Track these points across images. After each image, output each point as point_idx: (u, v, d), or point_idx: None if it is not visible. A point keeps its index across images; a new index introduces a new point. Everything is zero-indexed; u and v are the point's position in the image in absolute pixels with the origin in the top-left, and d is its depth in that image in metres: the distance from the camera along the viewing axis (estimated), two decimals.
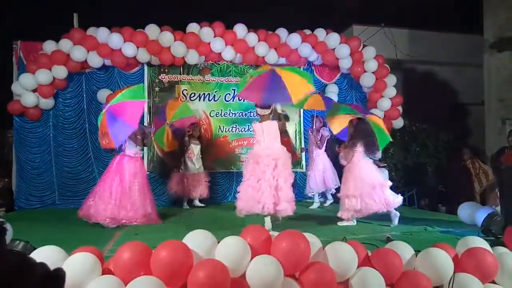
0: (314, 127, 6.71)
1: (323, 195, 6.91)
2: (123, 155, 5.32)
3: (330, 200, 6.86)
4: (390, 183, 5.13)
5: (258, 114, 4.93)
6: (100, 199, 5.07)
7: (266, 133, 4.77)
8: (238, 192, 4.79)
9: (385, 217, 5.18)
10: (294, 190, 4.99)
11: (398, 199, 5.09)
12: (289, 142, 7.17)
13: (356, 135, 5.13)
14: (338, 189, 6.03)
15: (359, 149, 5.13)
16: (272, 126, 4.82)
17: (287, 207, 4.61)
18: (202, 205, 6.78)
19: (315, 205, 6.74)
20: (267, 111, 4.83)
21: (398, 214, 5.14)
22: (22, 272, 1.59)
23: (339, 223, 5.15)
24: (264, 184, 4.55)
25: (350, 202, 5.04)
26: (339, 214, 5.15)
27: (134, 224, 5.07)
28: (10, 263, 1.59)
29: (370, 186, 4.99)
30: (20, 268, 1.59)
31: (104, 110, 5.00)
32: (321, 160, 6.62)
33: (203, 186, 6.71)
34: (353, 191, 5.01)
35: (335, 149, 5.85)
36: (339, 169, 5.75)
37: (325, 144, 6.66)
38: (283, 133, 5.03)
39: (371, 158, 7.11)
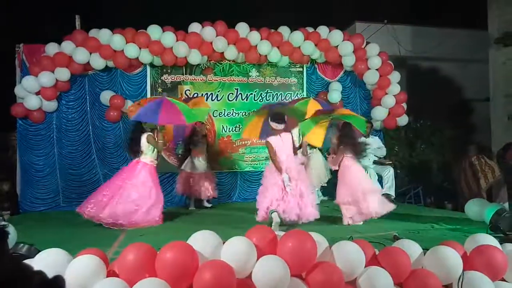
0: None
1: None
2: (138, 161, 5.37)
3: (320, 197, 6.89)
4: (380, 190, 5.31)
5: (273, 129, 4.98)
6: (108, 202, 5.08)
7: (285, 143, 4.93)
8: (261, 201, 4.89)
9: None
10: None
11: (389, 206, 5.12)
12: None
13: (343, 140, 5.19)
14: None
15: (348, 154, 5.18)
16: (289, 137, 5.00)
17: (312, 212, 4.82)
18: (210, 205, 6.73)
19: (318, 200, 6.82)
20: (281, 126, 4.95)
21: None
22: (20, 281, 1.55)
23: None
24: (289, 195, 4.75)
25: (347, 208, 5.10)
26: (344, 222, 5.16)
27: (142, 227, 5.07)
28: (6, 271, 1.55)
29: (360, 191, 5.02)
30: (17, 277, 1.55)
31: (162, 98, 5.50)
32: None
33: (211, 186, 6.63)
34: (347, 198, 5.05)
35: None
36: None
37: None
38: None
39: (376, 156, 7.15)
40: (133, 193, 5.14)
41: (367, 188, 5.10)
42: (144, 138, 5.37)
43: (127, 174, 5.31)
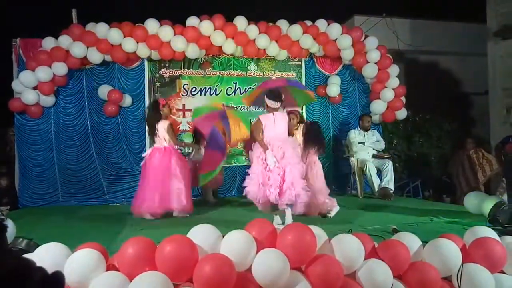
0: None
1: None
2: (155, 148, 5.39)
3: None
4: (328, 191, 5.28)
5: (268, 107, 4.65)
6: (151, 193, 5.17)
7: (278, 122, 4.59)
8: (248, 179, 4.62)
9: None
10: None
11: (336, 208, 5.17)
12: None
13: (309, 138, 5.27)
14: None
15: (312, 151, 5.24)
16: (283, 117, 4.66)
17: (299, 193, 4.38)
18: (215, 200, 6.59)
19: None
20: (277, 104, 4.62)
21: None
22: (19, 276, 1.54)
23: (329, 215, 5.14)
24: (271, 172, 4.39)
25: (320, 198, 5.10)
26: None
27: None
28: (7, 267, 1.54)
29: (316, 189, 5.06)
30: (17, 273, 1.55)
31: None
32: None
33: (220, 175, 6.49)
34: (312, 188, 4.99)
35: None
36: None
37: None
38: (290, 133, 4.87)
39: (374, 150, 7.16)
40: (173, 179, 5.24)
41: (320, 186, 5.17)
42: (162, 126, 5.34)
43: (158, 163, 5.27)
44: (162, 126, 5.36)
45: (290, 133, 4.83)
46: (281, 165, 4.40)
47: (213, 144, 5.05)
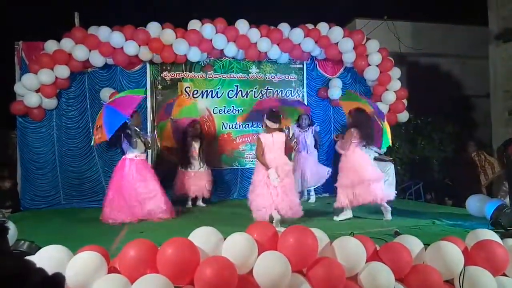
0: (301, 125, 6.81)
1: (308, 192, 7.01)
2: (124, 158, 5.54)
3: (313, 195, 6.98)
4: (383, 177, 5.25)
5: (267, 127, 4.96)
6: (112, 203, 5.32)
7: (276, 143, 4.90)
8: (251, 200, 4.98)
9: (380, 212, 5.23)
10: None
11: (390, 193, 5.18)
12: None
13: (354, 125, 5.17)
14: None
15: (356, 139, 5.13)
16: (281, 137, 4.96)
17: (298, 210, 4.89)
18: (204, 205, 6.69)
19: (313, 199, 6.95)
20: (276, 125, 4.94)
21: (389, 208, 5.16)
22: (20, 277, 1.55)
23: (336, 218, 5.15)
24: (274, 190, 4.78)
25: (343, 192, 5.11)
26: (335, 205, 5.22)
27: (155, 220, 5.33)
28: (7, 268, 1.54)
29: (364, 177, 5.03)
30: (18, 274, 1.55)
31: (103, 107, 5.31)
32: (302, 159, 6.70)
33: (206, 186, 6.62)
34: (346, 182, 5.08)
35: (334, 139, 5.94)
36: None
37: (313, 143, 6.79)
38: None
39: (376, 153, 7.15)
40: (133, 189, 5.34)
41: (371, 173, 5.11)
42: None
43: (120, 173, 5.45)
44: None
45: (289, 149, 5.09)
46: (283, 183, 4.79)
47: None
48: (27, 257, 2.47)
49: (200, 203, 6.69)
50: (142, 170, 5.50)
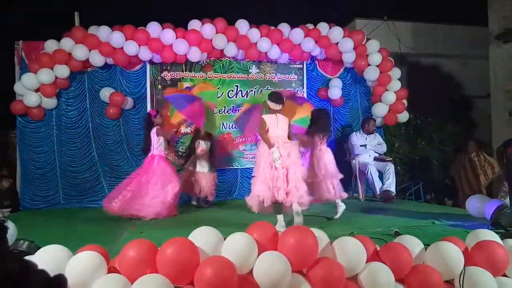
0: None
1: None
2: (152, 155, 5.67)
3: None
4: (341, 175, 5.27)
5: (270, 108, 4.79)
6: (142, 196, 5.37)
7: (280, 123, 4.72)
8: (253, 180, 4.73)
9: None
10: None
11: (343, 193, 5.25)
12: None
13: (315, 126, 5.31)
14: None
15: (316, 137, 5.27)
16: (285, 119, 4.82)
17: (301, 198, 4.51)
18: (206, 205, 6.65)
19: None
20: (279, 106, 4.77)
21: (344, 206, 5.21)
22: (22, 279, 1.54)
23: (336, 217, 5.15)
24: (277, 172, 4.50)
25: (331, 182, 5.12)
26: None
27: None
28: (10, 269, 1.54)
29: (331, 174, 5.12)
30: (20, 275, 1.54)
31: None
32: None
33: (210, 187, 6.58)
34: (316, 178, 5.12)
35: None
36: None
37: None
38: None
39: (376, 153, 7.15)
40: (152, 187, 5.41)
41: (335, 170, 5.18)
42: (153, 133, 5.65)
43: (145, 170, 5.58)
44: (152, 133, 5.68)
45: (290, 137, 4.89)
46: (285, 163, 4.52)
47: None
48: (28, 258, 2.47)
49: (202, 203, 6.69)
50: (167, 165, 5.72)
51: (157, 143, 5.65)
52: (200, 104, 5.84)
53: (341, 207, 5.19)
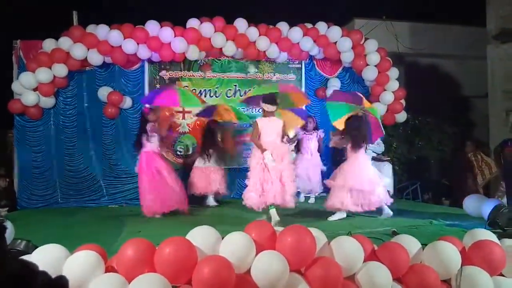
0: (307, 128, 6.81)
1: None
2: (149, 152, 5.71)
3: (313, 196, 6.97)
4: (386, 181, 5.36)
5: (265, 111, 4.87)
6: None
7: (274, 127, 4.80)
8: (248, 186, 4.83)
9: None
10: None
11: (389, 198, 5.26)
12: None
13: (348, 132, 5.24)
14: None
15: (349, 145, 5.25)
16: (278, 123, 4.86)
17: (290, 200, 4.70)
18: (216, 204, 6.59)
19: (312, 200, 6.91)
20: (273, 108, 4.83)
21: (391, 213, 5.23)
22: (23, 280, 1.53)
23: (330, 219, 5.14)
24: (271, 176, 4.64)
25: (340, 193, 5.09)
26: (327, 205, 5.20)
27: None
28: (11, 271, 1.53)
29: (370, 181, 5.08)
30: (21, 277, 1.54)
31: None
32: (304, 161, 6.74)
33: (223, 182, 6.62)
34: (345, 183, 5.07)
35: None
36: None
37: (316, 147, 6.84)
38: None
39: (374, 153, 7.16)
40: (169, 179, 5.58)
41: (375, 177, 5.19)
42: (148, 130, 5.67)
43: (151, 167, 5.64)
44: (149, 130, 5.69)
45: (285, 135, 5.00)
46: (279, 167, 4.66)
47: None
48: (27, 258, 2.46)
49: (212, 201, 6.60)
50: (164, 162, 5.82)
51: (151, 140, 5.65)
52: (170, 88, 6.16)
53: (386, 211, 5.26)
